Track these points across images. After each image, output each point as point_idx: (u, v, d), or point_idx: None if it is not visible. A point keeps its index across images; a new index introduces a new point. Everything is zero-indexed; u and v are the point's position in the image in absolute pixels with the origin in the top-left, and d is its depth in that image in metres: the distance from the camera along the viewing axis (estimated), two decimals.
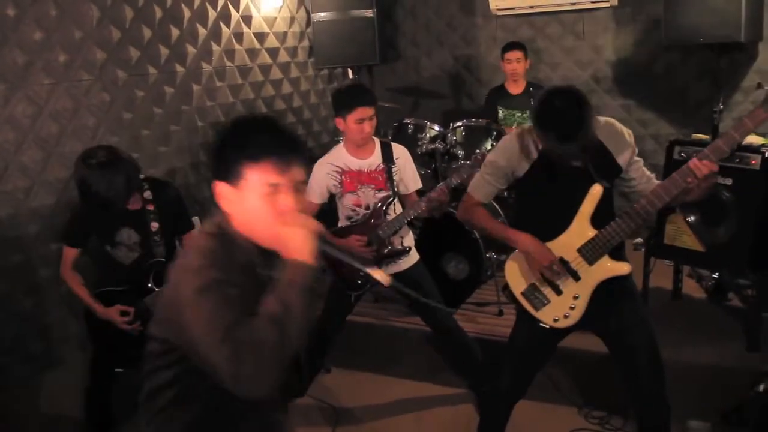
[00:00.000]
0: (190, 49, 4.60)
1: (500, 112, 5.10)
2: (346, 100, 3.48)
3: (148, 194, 3.25)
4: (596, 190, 2.61)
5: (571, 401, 3.83)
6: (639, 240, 4.98)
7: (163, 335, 1.75)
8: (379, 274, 1.76)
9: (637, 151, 2.70)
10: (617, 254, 2.69)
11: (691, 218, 3.83)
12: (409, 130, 4.68)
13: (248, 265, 1.73)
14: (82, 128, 3.80)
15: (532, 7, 5.31)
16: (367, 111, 3.45)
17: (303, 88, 5.74)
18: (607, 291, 2.69)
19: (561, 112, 2.40)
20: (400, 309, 4.56)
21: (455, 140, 4.61)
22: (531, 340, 2.91)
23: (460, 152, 4.54)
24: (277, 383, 1.58)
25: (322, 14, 5.53)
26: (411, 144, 4.31)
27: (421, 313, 3.90)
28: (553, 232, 2.69)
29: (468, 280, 4.51)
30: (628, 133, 2.69)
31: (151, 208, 3.24)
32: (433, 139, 4.66)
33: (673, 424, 2.81)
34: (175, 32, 4.47)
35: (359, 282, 3.68)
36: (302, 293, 1.61)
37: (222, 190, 1.72)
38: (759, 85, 2.42)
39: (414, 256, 3.77)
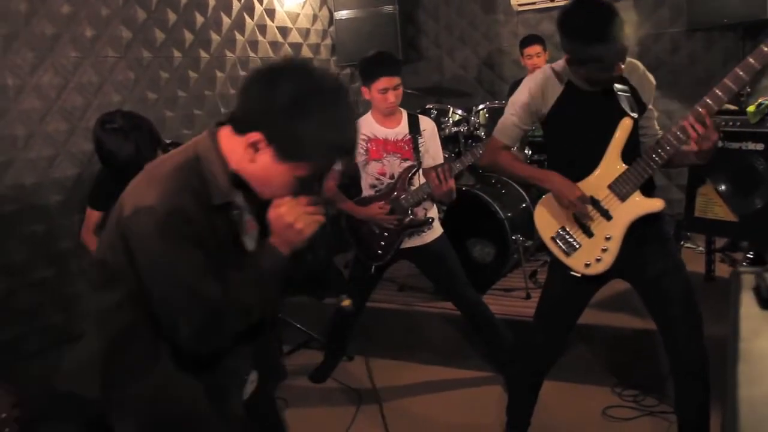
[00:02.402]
0: (215, 37, 4.65)
1: None
2: (370, 69, 3.46)
3: None
4: (626, 123, 2.54)
5: (603, 381, 3.71)
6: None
7: (111, 260, 1.59)
8: (346, 300, 1.86)
9: (652, 100, 2.67)
10: (649, 192, 2.62)
11: (722, 187, 3.74)
12: (432, 115, 4.67)
13: (224, 206, 1.58)
14: (107, 104, 3.82)
15: (552, 0, 5.33)
16: (391, 81, 3.43)
17: None
18: (640, 236, 2.60)
19: (594, 17, 2.34)
20: (426, 296, 4.48)
21: (478, 123, 4.58)
22: (563, 291, 2.82)
23: (483, 134, 4.51)
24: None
25: (344, 12, 5.61)
26: None
27: (444, 288, 3.82)
28: (583, 170, 2.62)
29: (494, 263, 4.42)
30: (651, 76, 2.65)
31: None
32: (457, 123, 4.65)
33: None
34: (199, 19, 4.53)
35: (380, 252, 3.63)
36: (277, 284, 1.61)
37: (260, 146, 1.51)
38: None
39: (438, 230, 3.71)
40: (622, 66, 2.45)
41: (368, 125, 3.60)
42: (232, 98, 4.81)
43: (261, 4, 5.07)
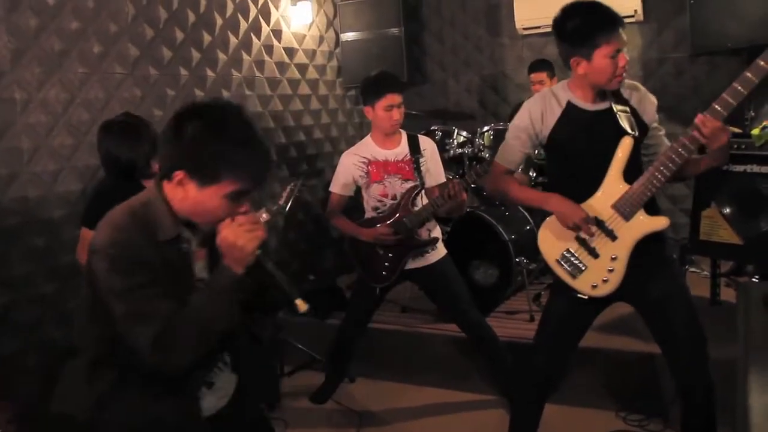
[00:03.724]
0: (221, 56, 4.68)
1: None
2: (374, 87, 3.49)
3: None
4: (627, 142, 2.55)
5: (607, 405, 3.67)
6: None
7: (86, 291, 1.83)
8: (300, 302, 1.81)
9: (657, 118, 2.69)
10: (653, 211, 2.61)
11: (727, 210, 3.73)
12: (437, 136, 4.69)
13: (172, 241, 1.81)
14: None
15: None
16: (395, 98, 3.46)
17: (331, 107, 5.80)
18: (644, 259, 2.59)
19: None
20: (428, 318, 4.45)
21: (483, 144, 4.59)
22: (565, 313, 2.79)
23: (488, 156, 4.51)
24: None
25: (351, 34, 5.65)
26: (439, 150, 4.28)
27: (448, 309, 3.79)
28: (586, 192, 2.62)
29: (497, 285, 4.40)
30: (652, 96, 2.69)
31: None
32: (461, 145, 4.65)
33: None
34: (207, 38, 4.56)
35: (384, 274, 3.61)
36: (230, 302, 1.78)
37: (184, 181, 1.76)
38: None
39: (441, 250, 3.70)
40: (626, 57, 2.51)
41: (367, 148, 3.61)
42: None
43: (268, 24, 5.11)
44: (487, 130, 4.64)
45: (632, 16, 5.11)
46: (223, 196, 1.75)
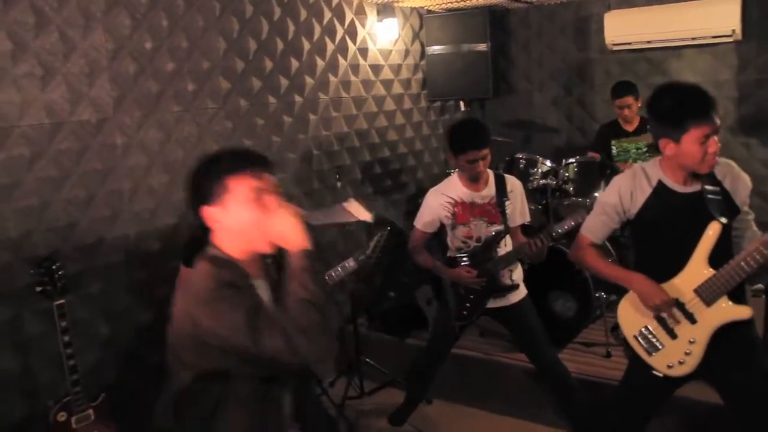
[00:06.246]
0: (308, 80, 4.77)
1: (614, 148, 4.98)
2: (458, 142, 3.49)
3: None
4: (714, 228, 2.52)
5: None
6: (759, 286, 4.72)
7: (192, 364, 1.89)
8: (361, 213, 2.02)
9: (749, 201, 2.62)
10: (737, 298, 2.57)
11: None
12: (521, 165, 4.66)
13: (242, 282, 1.89)
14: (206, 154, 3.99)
15: (649, 42, 5.18)
16: (478, 153, 3.44)
17: (415, 120, 5.83)
18: (727, 339, 2.57)
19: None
20: (505, 344, 4.51)
21: (567, 176, 4.54)
22: (644, 387, 2.81)
23: (572, 189, 4.47)
24: (331, 349, 1.84)
25: (437, 48, 5.63)
26: (523, 179, 4.27)
27: (525, 347, 3.84)
28: (669, 271, 2.62)
29: (575, 318, 4.41)
30: (746, 177, 2.62)
31: None
32: (545, 175, 4.62)
33: None
34: (294, 64, 4.66)
35: (465, 313, 3.68)
36: (314, 275, 1.83)
37: (209, 213, 1.89)
38: None
39: (522, 291, 3.73)
40: (718, 143, 2.46)
41: (454, 188, 3.64)
42: (324, 140, 4.95)
43: (354, 43, 5.16)
44: (572, 162, 4.59)
45: (730, 36, 4.89)
46: (247, 202, 1.89)
